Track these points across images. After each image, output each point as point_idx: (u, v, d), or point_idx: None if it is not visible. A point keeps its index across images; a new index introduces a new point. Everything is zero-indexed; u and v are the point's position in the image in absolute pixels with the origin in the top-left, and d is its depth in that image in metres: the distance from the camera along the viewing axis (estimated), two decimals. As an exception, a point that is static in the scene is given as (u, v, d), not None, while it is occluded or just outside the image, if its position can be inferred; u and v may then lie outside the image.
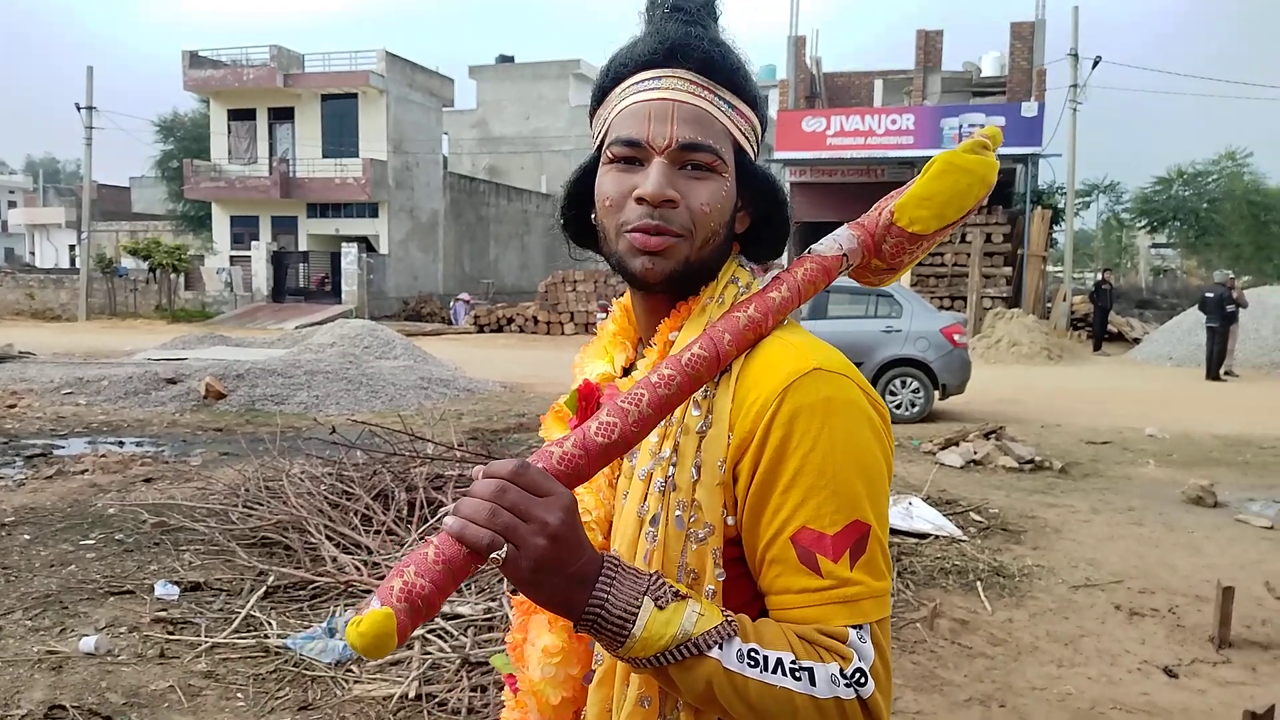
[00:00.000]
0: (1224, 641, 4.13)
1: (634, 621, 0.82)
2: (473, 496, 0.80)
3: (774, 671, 0.83)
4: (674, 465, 0.93)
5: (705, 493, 0.91)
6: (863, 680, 0.84)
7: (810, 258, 1.01)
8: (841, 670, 0.84)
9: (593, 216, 1.04)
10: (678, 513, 0.92)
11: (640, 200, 0.95)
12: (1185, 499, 6.89)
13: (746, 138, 1.02)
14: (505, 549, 0.78)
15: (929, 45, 28.10)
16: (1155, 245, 40.89)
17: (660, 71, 0.98)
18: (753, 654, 0.84)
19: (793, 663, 0.84)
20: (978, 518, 6.15)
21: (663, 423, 0.93)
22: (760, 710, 0.84)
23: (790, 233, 1.07)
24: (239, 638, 3.80)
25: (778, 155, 24.60)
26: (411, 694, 3.29)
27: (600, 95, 1.03)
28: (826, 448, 0.88)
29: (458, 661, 3.44)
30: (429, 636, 3.65)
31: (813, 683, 0.83)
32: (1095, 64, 22.94)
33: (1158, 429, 10.12)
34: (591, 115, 1.06)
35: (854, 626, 0.86)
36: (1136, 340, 20.80)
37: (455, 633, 3.67)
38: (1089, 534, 5.96)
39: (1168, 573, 5.18)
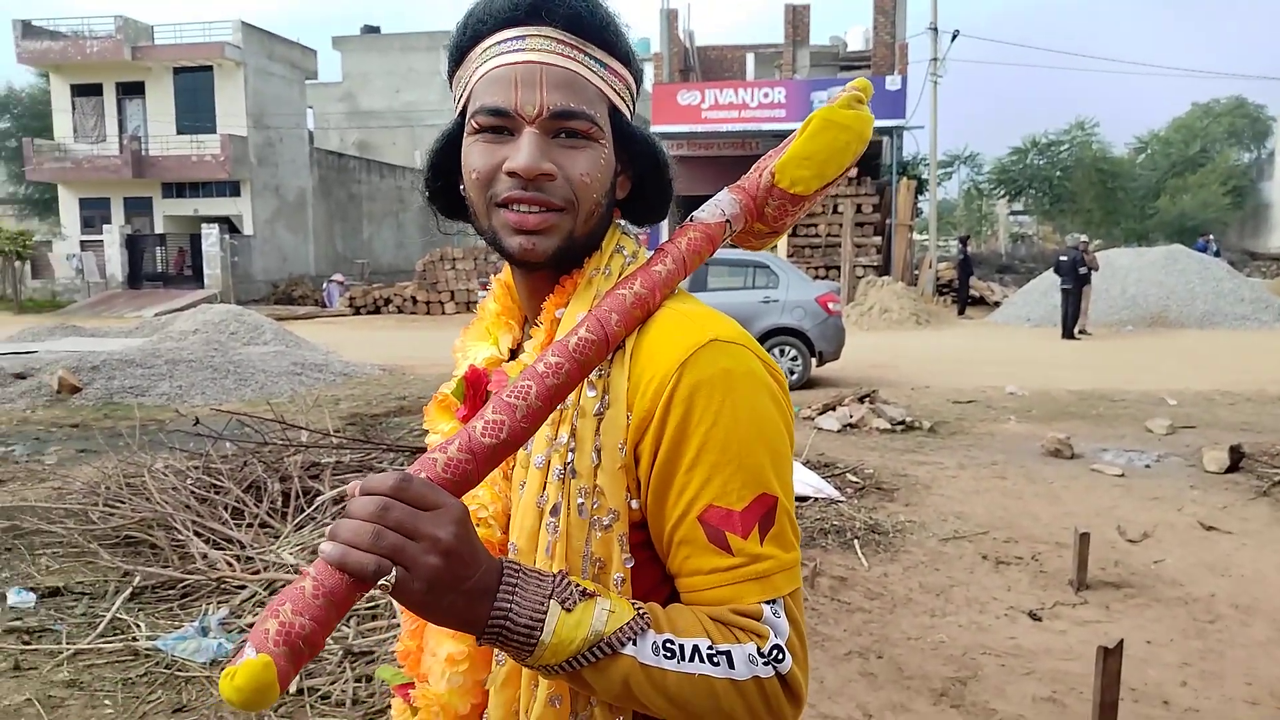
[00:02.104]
0: (1082, 584, 4.40)
1: (541, 628, 0.78)
2: (351, 517, 0.72)
3: (691, 660, 0.80)
4: (573, 451, 0.88)
5: (607, 478, 0.87)
6: (780, 657, 0.82)
7: (693, 225, 0.96)
8: (759, 649, 0.82)
9: (461, 189, 0.97)
10: (579, 500, 0.87)
11: (512, 174, 0.88)
12: (1044, 452, 7.30)
13: (622, 97, 0.95)
14: (395, 573, 0.71)
15: (797, 20, 28.65)
16: (1013, 213, 42.99)
17: (523, 30, 0.90)
18: (668, 645, 0.81)
19: (709, 648, 0.81)
20: (854, 478, 6.36)
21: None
22: (679, 701, 0.81)
23: (674, 194, 1.02)
24: (104, 642, 3.60)
25: (654, 129, 24.65)
26: (292, 689, 3.18)
27: (458, 56, 0.95)
28: (729, 422, 0.85)
29: (340, 653, 3.35)
30: (310, 629, 3.54)
31: (731, 665, 0.81)
32: (954, 37, 23.85)
33: (1018, 387, 10.69)
34: (450, 77, 0.97)
35: (768, 602, 0.84)
36: (997, 304, 21.87)
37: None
38: (956, 489, 6.25)
39: (1030, 522, 5.48)
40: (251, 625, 3.65)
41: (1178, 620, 4.05)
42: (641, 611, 0.82)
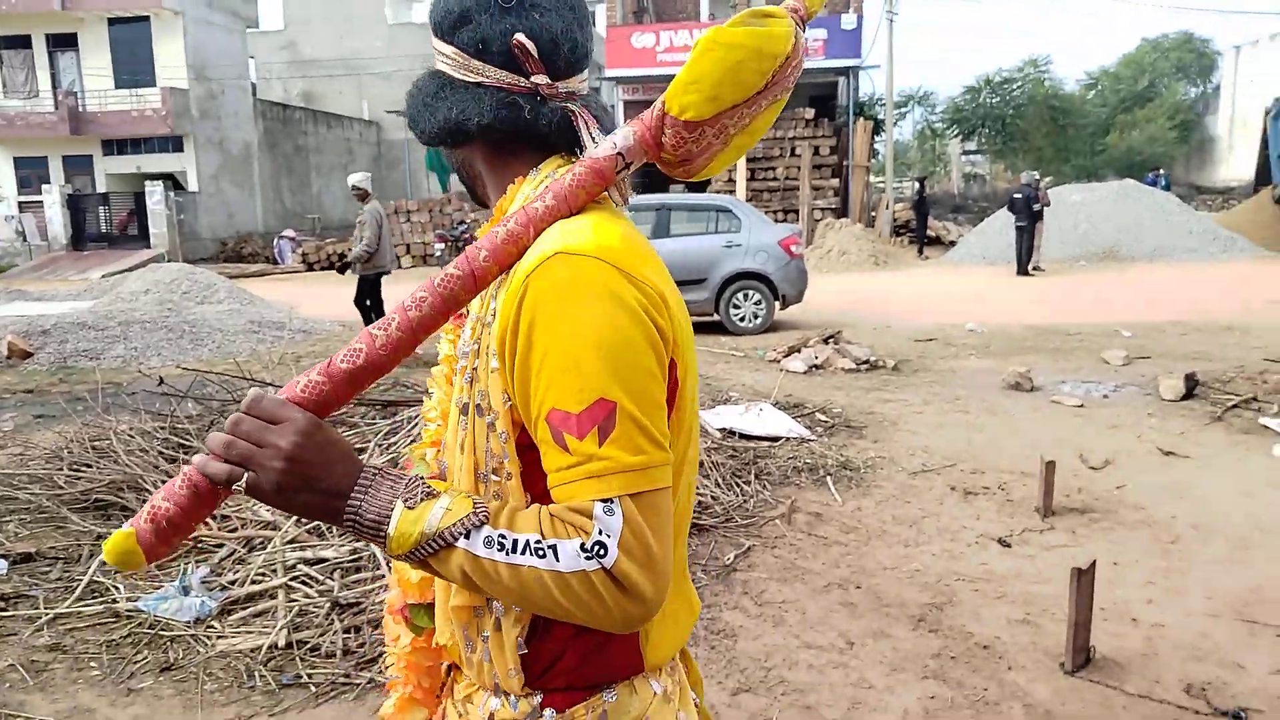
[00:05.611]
0: (1048, 510, 4.53)
1: (388, 523, 0.89)
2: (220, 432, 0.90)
3: (521, 553, 0.88)
4: (478, 357, 0.98)
5: (489, 380, 0.96)
6: (603, 552, 0.86)
7: (582, 161, 1.00)
8: (583, 544, 0.87)
9: None
10: (478, 401, 0.97)
11: None
12: (1005, 386, 7.45)
13: (452, 62, 1.07)
14: (245, 477, 0.87)
15: (750, -42, 28.18)
16: (966, 152, 43.15)
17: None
18: (501, 539, 0.88)
19: (537, 542, 0.88)
20: (823, 418, 6.45)
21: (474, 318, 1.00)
22: (513, 591, 0.89)
23: (548, 127, 1.06)
24: (84, 605, 3.57)
25: (609, 73, 24.34)
26: (281, 642, 3.19)
27: None
28: (567, 330, 0.89)
29: (327, 605, 3.35)
30: (293, 584, 3.54)
31: (557, 558, 0.87)
32: (907, -25, 23.66)
33: (977, 324, 10.85)
34: None
35: (601, 500, 0.88)
36: (953, 243, 22.06)
37: (321, 577, 3.57)
38: (922, 424, 6.37)
39: (995, 453, 5.61)
40: (233, 583, 3.65)
41: (1141, 542, 4.19)
42: (480, 508, 0.90)
